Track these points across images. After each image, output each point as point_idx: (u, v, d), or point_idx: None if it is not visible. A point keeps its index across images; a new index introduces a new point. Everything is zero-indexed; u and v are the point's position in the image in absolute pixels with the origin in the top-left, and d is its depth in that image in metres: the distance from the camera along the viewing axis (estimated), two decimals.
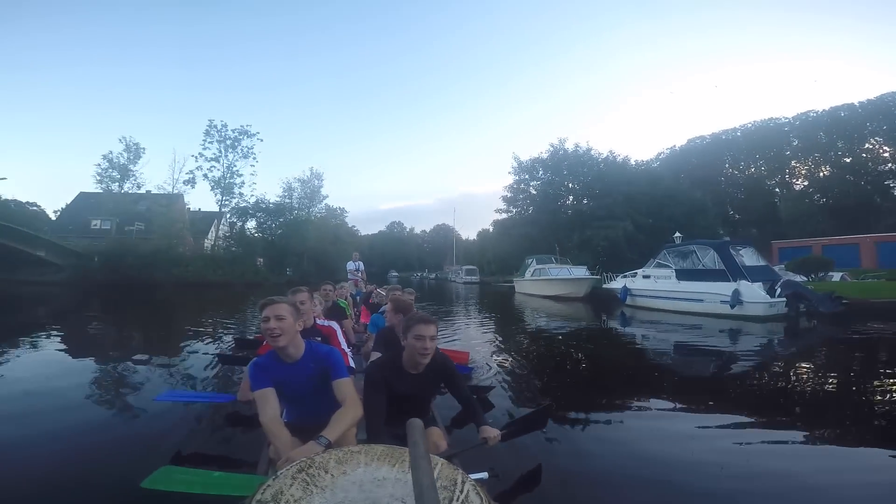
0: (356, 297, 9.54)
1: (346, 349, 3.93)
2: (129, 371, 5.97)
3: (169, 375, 5.70)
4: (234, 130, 45.47)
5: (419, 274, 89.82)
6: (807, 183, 48.57)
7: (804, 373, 6.64)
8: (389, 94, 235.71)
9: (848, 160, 44.72)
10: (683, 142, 59.66)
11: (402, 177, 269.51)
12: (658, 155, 60.26)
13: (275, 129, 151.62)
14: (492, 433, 2.49)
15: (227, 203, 45.73)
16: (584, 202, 43.11)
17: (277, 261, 44.96)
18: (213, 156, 44.57)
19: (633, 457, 3.31)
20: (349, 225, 74.25)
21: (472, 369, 5.67)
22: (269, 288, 26.34)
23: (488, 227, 65.71)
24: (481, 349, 7.76)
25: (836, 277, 21.21)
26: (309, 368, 2.33)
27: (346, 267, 12.57)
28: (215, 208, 46.69)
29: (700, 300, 13.89)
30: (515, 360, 7.21)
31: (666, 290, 15.52)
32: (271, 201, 48.63)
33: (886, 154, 42.77)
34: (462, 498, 1.18)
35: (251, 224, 47.74)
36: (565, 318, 14.33)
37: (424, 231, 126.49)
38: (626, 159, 46.02)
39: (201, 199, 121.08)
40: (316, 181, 57.06)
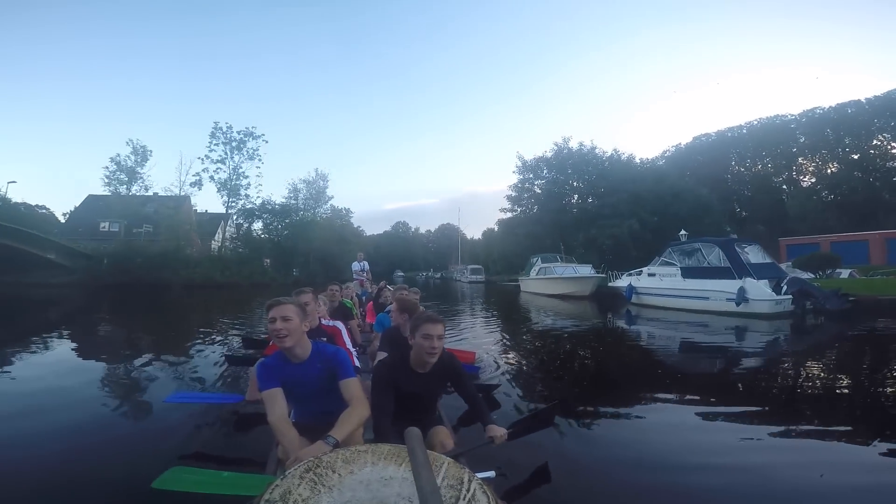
0: (362, 297, 9.60)
1: (352, 349, 3.93)
2: (139, 372, 6.03)
3: (178, 376, 5.75)
4: (239, 132, 45.70)
5: (424, 274, 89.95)
6: (814, 180, 48.27)
7: (811, 370, 6.61)
8: (394, 94, 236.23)
9: (856, 157, 44.40)
10: (689, 139, 59.44)
11: (406, 177, 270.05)
12: (664, 153, 60.13)
13: (280, 130, 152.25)
14: (498, 432, 2.50)
15: (233, 204, 46.04)
16: (588, 201, 43.09)
17: (284, 261, 45.22)
18: (218, 158, 44.86)
19: (641, 455, 3.31)
20: (355, 225, 74.14)
21: (478, 368, 5.67)
22: (276, 288, 26.53)
23: (493, 227, 65.81)
24: (487, 348, 7.78)
25: (845, 274, 21.09)
26: (316, 368, 2.34)
27: (352, 267, 12.64)
28: (222, 210, 46.97)
29: (706, 298, 13.87)
30: (521, 359, 7.22)
31: (671, 288, 15.52)
32: (277, 202, 48.98)
33: (895, 150, 42.39)
34: (469, 497, 1.18)
35: (258, 225, 48.11)
36: (571, 317, 14.33)
37: (429, 231, 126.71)
38: (631, 157, 46.03)
39: (208, 200, 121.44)
40: (321, 182, 57.30)
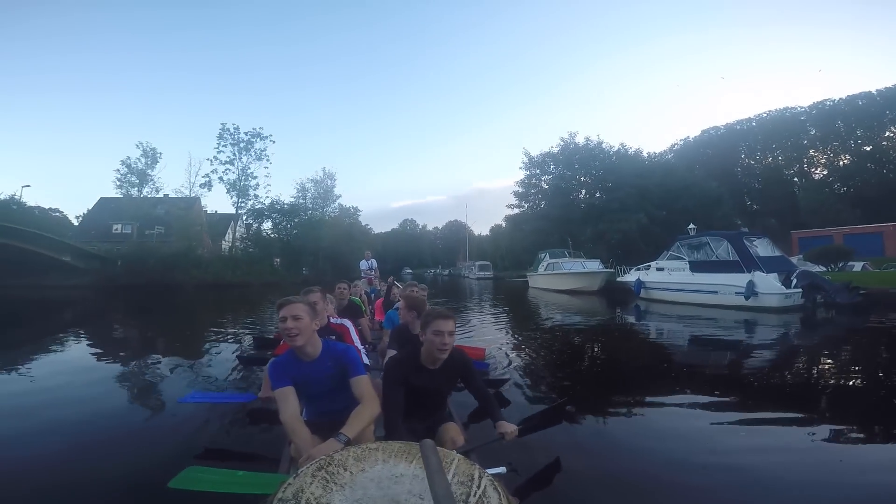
0: (371, 295, 9.67)
1: (360, 347, 3.95)
2: (154, 373, 6.14)
3: (192, 376, 5.82)
4: (246, 133, 46.20)
5: (432, 270, 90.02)
6: (826, 172, 47.61)
7: (822, 365, 6.53)
8: (399, 93, 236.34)
9: (868, 149, 43.82)
10: (697, 133, 58.92)
11: (413, 175, 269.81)
12: (672, 146, 59.70)
13: (287, 130, 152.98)
14: (509, 428, 2.50)
15: (243, 205, 46.57)
16: (596, 196, 42.82)
17: (293, 260, 45.68)
18: (227, 159, 45.43)
19: (651, 452, 3.31)
20: (363, 223, 74.77)
21: (488, 365, 5.64)
22: (286, 287, 26.78)
23: (501, 223, 65.80)
24: (496, 344, 7.82)
25: (858, 267, 20.84)
26: (327, 366, 2.37)
27: (360, 266, 12.74)
28: (231, 210, 47.55)
29: (714, 292, 13.81)
30: (531, 356, 7.25)
31: (680, 282, 15.46)
32: (286, 202, 49.45)
33: None
34: (479, 493, 1.19)
35: (267, 225, 48.60)
36: (580, 313, 14.35)
37: (437, 228, 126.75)
38: (639, 152, 45.68)
39: (218, 201, 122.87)
40: (329, 181, 57.80)
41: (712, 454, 3.24)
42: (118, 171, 42.33)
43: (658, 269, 17.18)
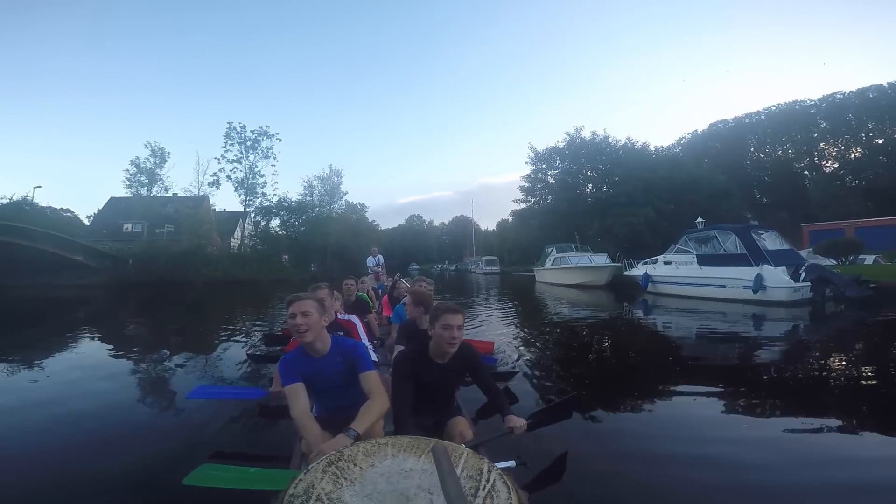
0: (378, 291, 9.73)
1: (367, 343, 3.93)
2: (165, 369, 6.19)
3: (203, 373, 5.87)
4: (253, 132, 46.46)
5: (439, 266, 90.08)
6: (837, 165, 47.01)
7: (831, 360, 6.46)
8: (404, 88, 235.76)
9: (880, 142, 43.26)
10: (705, 126, 58.35)
11: (419, 171, 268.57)
12: (679, 140, 59.18)
13: (293, 127, 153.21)
14: (518, 422, 2.49)
15: (251, 203, 46.95)
16: (603, 190, 42.65)
17: (302, 257, 45.92)
18: (234, 157, 45.76)
19: (660, 447, 3.32)
20: (369, 220, 75.15)
21: (496, 360, 5.67)
22: (295, 284, 27.03)
23: (508, 218, 65.65)
24: (505, 339, 7.84)
25: (869, 260, 20.60)
26: (336, 362, 2.39)
27: (367, 263, 12.81)
28: (240, 208, 48.01)
29: (722, 286, 13.76)
30: (539, 350, 7.27)
31: (687, 276, 15.42)
32: (293, 199, 49.76)
33: None
34: (489, 487, 1.20)
35: (275, 222, 48.85)
36: (587, 307, 14.35)
37: (443, 223, 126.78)
38: (646, 146, 45.37)
39: (226, 199, 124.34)
40: (335, 178, 58.27)
41: (722, 449, 3.23)
42: (127, 170, 42.85)
43: (665, 263, 17.12)
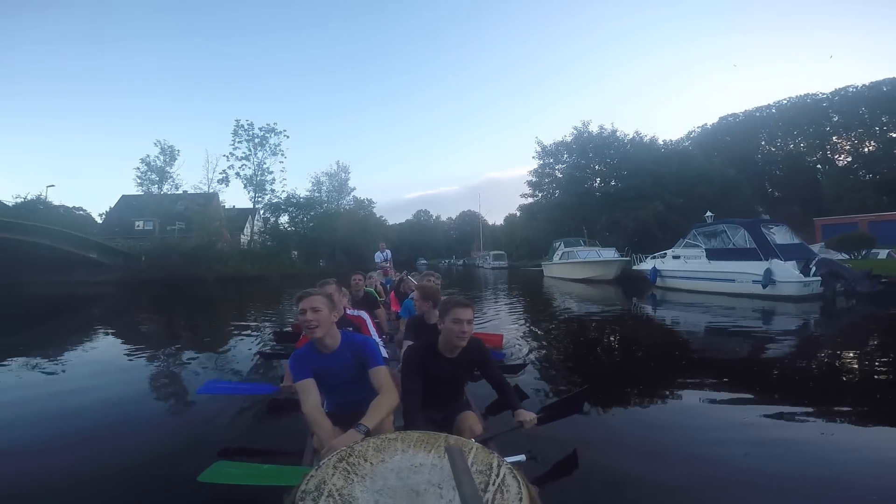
0: (386, 286, 9.68)
1: (377, 338, 3.97)
2: (177, 366, 6.25)
3: (215, 369, 5.90)
4: (260, 129, 46.87)
5: (447, 261, 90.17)
6: (850, 159, 46.31)
7: (843, 355, 6.38)
8: (411, 85, 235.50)
9: (894, 135, 42.56)
10: (715, 120, 57.61)
11: (426, 166, 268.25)
12: (689, 134, 58.55)
13: (301, 125, 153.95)
14: (528, 416, 2.49)
15: (259, 199, 47.40)
16: (611, 184, 42.34)
17: (311, 252, 46.33)
18: (243, 154, 46.23)
19: (671, 442, 3.32)
20: (377, 215, 75.21)
21: (504, 355, 5.69)
22: (304, 279, 27.25)
23: (515, 212, 65.47)
24: (513, 333, 7.89)
25: (883, 255, 20.32)
26: (346, 358, 2.39)
27: (374, 258, 12.89)
28: (249, 205, 48.46)
29: (731, 280, 13.68)
30: (547, 344, 7.31)
31: (696, 270, 15.34)
32: (302, 196, 50.16)
33: None
34: (499, 482, 1.19)
35: (284, 219, 49.33)
36: (595, 301, 14.36)
37: (450, 218, 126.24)
38: (654, 139, 44.86)
39: (235, 196, 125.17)
40: (343, 174, 58.62)
41: (731, 445, 3.21)
42: (138, 168, 43.33)
43: (674, 258, 17.03)
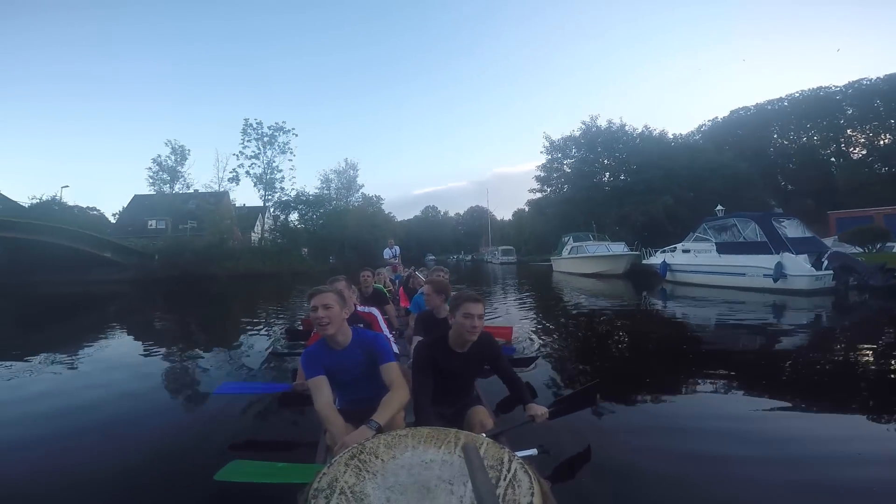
0: (395, 281, 9.66)
1: (388, 334, 3.97)
2: (192, 366, 6.29)
3: (229, 367, 5.95)
4: (269, 128, 47.34)
5: (455, 256, 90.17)
6: (865, 152, 45.51)
7: (856, 350, 6.24)
8: (418, 81, 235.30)
9: None
10: (726, 114, 56.84)
11: (434, 162, 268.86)
12: (699, 127, 57.79)
13: (309, 123, 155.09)
14: (539, 410, 2.47)
15: (269, 197, 47.86)
16: (620, 178, 42.12)
17: (321, 249, 46.79)
18: (252, 153, 46.80)
19: (684, 437, 3.30)
20: (385, 212, 75.48)
21: (514, 350, 5.69)
22: (314, 276, 27.49)
23: (524, 207, 65.27)
24: (522, 328, 7.90)
25: None
26: (357, 354, 2.41)
27: (384, 255, 12.98)
28: (259, 203, 48.97)
29: (742, 274, 13.58)
30: (557, 339, 7.31)
31: (706, 264, 15.24)
32: (311, 193, 50.62)
33: None
34: (510, 477, 1.19)
35: (294, 216, 49.87)
36: (605, 296, 14.33)
37: (459, 214, 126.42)
38: (663, 133, 44.51)
39: (245, 194, 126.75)
40: (351, 172, 58.86)
41: (744, 440, 3.20)
42: (150, 168, 44.08)
43: (684, 252, 16.94)
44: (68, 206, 41.93)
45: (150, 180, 44.18)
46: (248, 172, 46.48)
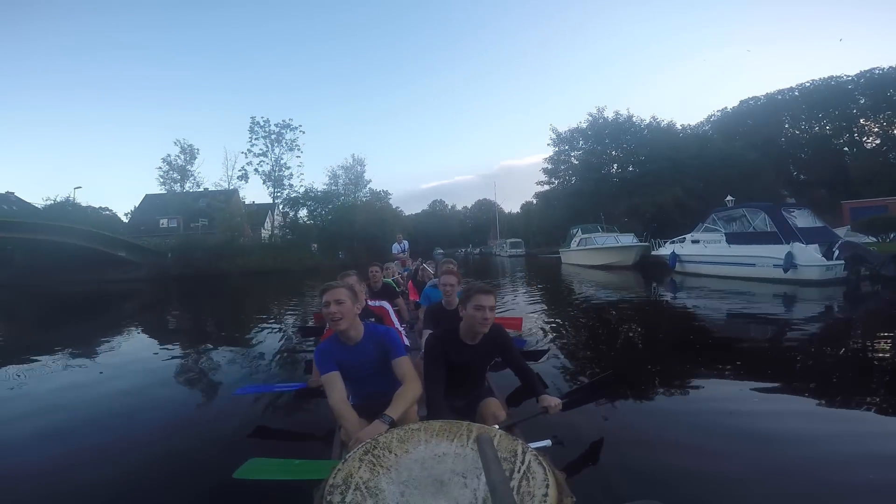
0: (404, 275, 9.74)
1: (400, 328, 3.99)
2: (209, 363, 6.38)
3: (245, 366, 5.99)
4: (276, 125, 47.58)
5: (463, 249, 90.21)
6: (879, 141, 44.68)
7: (869, 341, 6.16)
8: (424, 75, 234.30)
9: None
10: (735, 104, 55.99)
11: (440, 156, 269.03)
12: (709, 118, 56.88)
13: (316, 119, 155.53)
14: (552, 402, 2.45)
15: (278, 194, 48.23)
16: (629, 169, 41.82)
17: (330, 245, 47.04)
18: (260, 151, 47.09)
19: (697, 429, 3.30)
20: (393, 206, 75.62)
21: (525, 342, 5.66)
22: (325, 272, 27.76)
23: (532, 200, 65.04)
24: (533, 321, 7.95)
25: None
26: (369, 349, 2.40)
27: (392, 250, 13.10)
28: (268, 200, 49.30)
29: (752, 264, 13.50)
30: (568, 331, 7.35)
31: (716, 254, 15.17)
32: (319, 189, 50.90)
33: None
34: (524, 469, 1.18)
35: (303, 212, 50.13)
36: (615, 288, 14.35)
37: (466, 207, 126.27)
38: (672, 124, 44.01)
39: (255, 192, 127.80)
40: (359, 167, 58.92)
41: (756, 433, 3.16)
42: (160, 168, 44.62)
43: (693, 242, 16.85)
44: (81, 206, 42.45)
45: (161, 180, 44.81)
46: (256, 170, 46.87)
